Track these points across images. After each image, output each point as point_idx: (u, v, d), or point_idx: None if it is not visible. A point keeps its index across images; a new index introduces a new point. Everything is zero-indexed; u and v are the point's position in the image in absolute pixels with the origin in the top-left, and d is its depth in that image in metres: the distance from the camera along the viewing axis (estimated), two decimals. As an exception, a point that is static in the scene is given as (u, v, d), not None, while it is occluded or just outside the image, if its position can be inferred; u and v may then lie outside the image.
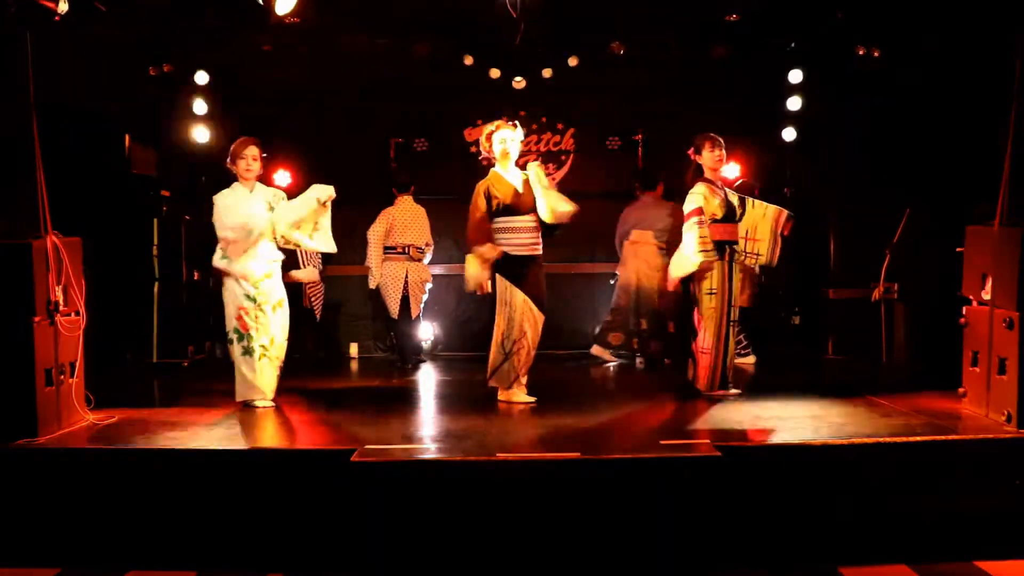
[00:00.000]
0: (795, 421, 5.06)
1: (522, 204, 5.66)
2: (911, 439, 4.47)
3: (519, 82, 8.20)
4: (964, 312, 5.24)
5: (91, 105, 7.36)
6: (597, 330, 7.85)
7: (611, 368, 7.60)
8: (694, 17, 7.81)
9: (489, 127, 5.78)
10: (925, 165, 7.71)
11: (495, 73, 8.17)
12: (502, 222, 5.66)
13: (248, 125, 8.36)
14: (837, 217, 8.31)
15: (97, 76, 7.25)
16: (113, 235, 7.63)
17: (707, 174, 5.87)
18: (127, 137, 7.65)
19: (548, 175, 5.72)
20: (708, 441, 4.42)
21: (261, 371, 5.50)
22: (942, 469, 4.40)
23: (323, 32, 7.65)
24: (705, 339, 5.70)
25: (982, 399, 5.02)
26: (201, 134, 8.12)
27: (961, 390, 5.26)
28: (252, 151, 5.69)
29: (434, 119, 8.69)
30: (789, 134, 8.30)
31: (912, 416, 5.06)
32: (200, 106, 8.05)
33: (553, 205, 5.63)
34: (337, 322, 8.75)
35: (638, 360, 7.71)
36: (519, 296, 5.57)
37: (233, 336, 5.52)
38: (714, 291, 5.66)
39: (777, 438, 4.67)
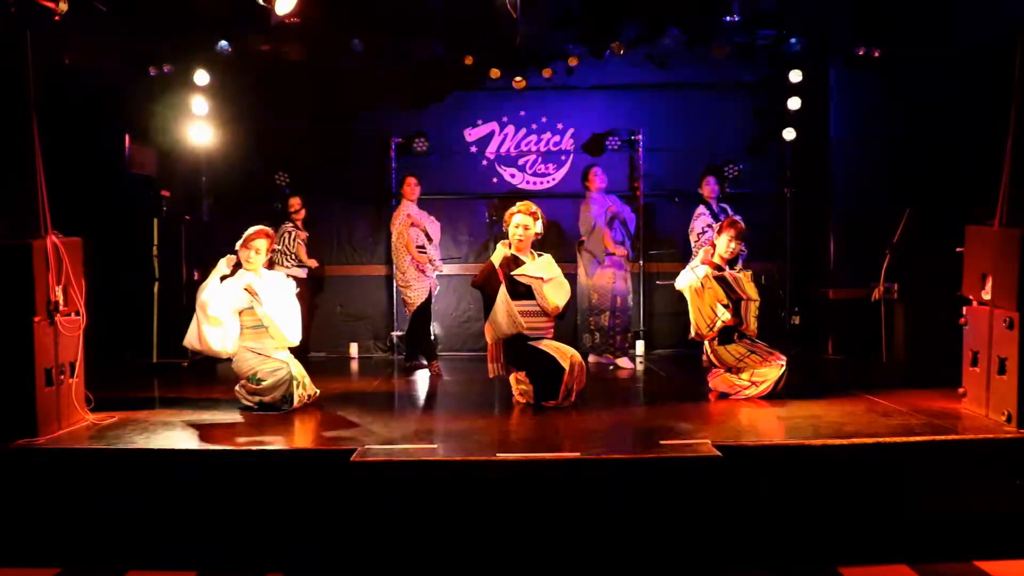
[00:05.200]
0: (795, 421, 5.06)
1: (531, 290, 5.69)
2: (911, 439, 4.47)
3: (519, 82, 8.21)
4: (964, 312, 5.24)
5: (91, 105, 7.36)
6: (597, 340, 7.85)
7: (611, 369, 7.60)
8: (694, 17, 7.82)
9: (512, 208, 5.79)
10: (925, 165, 7.71)
11: (495, 73, 8.17)
12: (517, 305, 5.65)
13: (248, 125, 8.42)
14: (837, 217, 8.31)
15: (97, 76, 7.25)
16: (113, 235, 7.65)
17: (715, 257, 5.91)
18: (127, 137, 7.65)
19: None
20: (708, 441, 4.42)
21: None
22: (942, 469, 4.40)
23: (323, 32, 7.65)
24: None
25: (982, 399, 5.02)
26: (201, 134, 8.12)
27: (961, 390, 5.26)
28: (258, 243, 5.66)
29: (434, 119, 8.70)
30: (789, 134, 8.31)
31: (912, 416, 5.06)
32: (200, 106, 8.05)
33: (550, 300, 5.64)
34: (337, 322, 8.77)
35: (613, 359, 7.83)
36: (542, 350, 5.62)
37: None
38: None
39: (777, 438, 4.67)
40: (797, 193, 8.54)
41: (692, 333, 5.86)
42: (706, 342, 5.85)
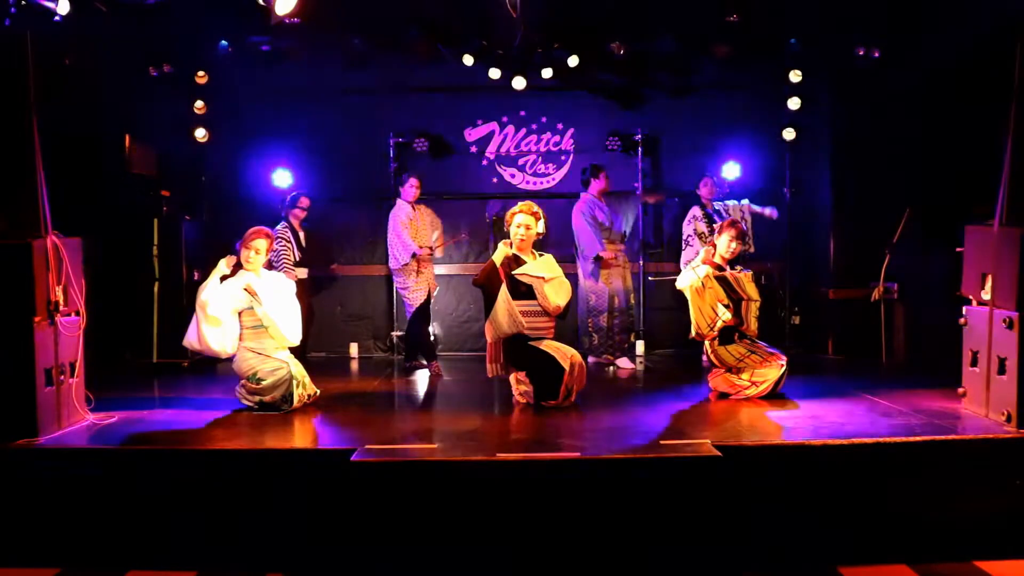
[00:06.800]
0: (795, 421, 5.06)
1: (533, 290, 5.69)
2: (911, 439, 4.47)
3: (519, 82, 8.21)
4: (964, 312, 5.24)
5: (91, 105, 7.36)
6: (596, 341, 7.84)
7: (611, 369, 7.60)
8: (694, 17, 7.82)
9: (514, 208, 5.78)
10: (925, 165, 7.72)
11: (495, 73, 8.17)
12: (518, 305, 5.64)
13: (248, 125, 8.42)
14: (837, 217, 8.31)
15: (97, 76, 7.25)
16: (113, 235, 7.65)
17: (716, 257, 5.91)
18: (127, 137, 7.65)
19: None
20: (708, 441, 4.42)
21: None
22: (942, 469, 4.40)
23: (323, 32, 7.65)
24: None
25: (982, 399, 5.02)
26: (201, 134, 8.12)
27: (961, 390, 5.26)
28: (258, 243, 5.65)
29: (434, 119, 8.70)
30: (789, 134, 8.31)
31: (912, 416, 5.06)
32: (200, 106, 8.05)
33: (551, 300, 5.63)
34: (337, 322, 8.78)
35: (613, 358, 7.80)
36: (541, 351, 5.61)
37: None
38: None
39: (777, 438, 4.67)
40: (797, 193, 8.54)
41: (693, 333, 5.87)
42: (706, 342, 5.86)
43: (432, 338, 8.01)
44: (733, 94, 8.55)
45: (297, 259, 8.01)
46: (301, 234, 8.13)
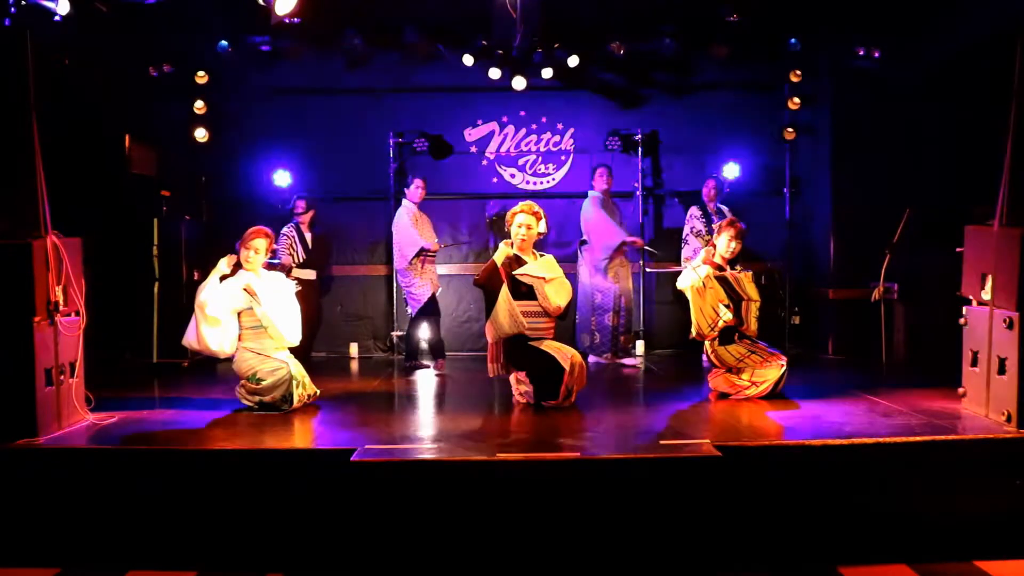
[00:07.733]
0: (795, 421, 5.06)
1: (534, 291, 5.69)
2: (911, 439, 4.47)
3: (519, 82, 8.21)
4: (964, 312, 5.24)
5: (91, 105, 7.36)
6: (597, 340, 7.84)
7: (611, 369, 7.60)
8: (694, 17, 7.82)
9: (515, 208, 5.77)
10: (925, 165, 7.72)
11: (495, 73, 8.17)
12: (519, 305, 5.64)
13: (248, 125, 8.43)
14: (837, 217, 8.32)
15: (97, 76, 7.26)
16: (113, 235, 7.65)
17: (716, 257, 5.90)
18: (127, 137, 7.65)
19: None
20: (708, 441, 4.41)
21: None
22: (942, 469, 4.40)
23: (323, 32, 7.66)
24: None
25: (982, 399, 5.02)
26: (201, 134, 8.13)
27: (961, 390, 5.26)
28: (258, 243, 5.64)
29: (434, 119, 8.70)
30: (789, 134, 8.31)
31: (912, 416, 5.06)
32: (200, 106, 8.05)
33: (552, 300, 5.63)
34: (337, 322, 8.78)
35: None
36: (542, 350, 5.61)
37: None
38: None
39: (777, 438, 4.67)
40: (797, 193, 8.55)
41: (693, 333, 5.87)
42: (707, 342, 5.86)
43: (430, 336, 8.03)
44: (733, 94, 8.55)
45: (301, 260, 8.01)
46: (308, 236, 8.14)
